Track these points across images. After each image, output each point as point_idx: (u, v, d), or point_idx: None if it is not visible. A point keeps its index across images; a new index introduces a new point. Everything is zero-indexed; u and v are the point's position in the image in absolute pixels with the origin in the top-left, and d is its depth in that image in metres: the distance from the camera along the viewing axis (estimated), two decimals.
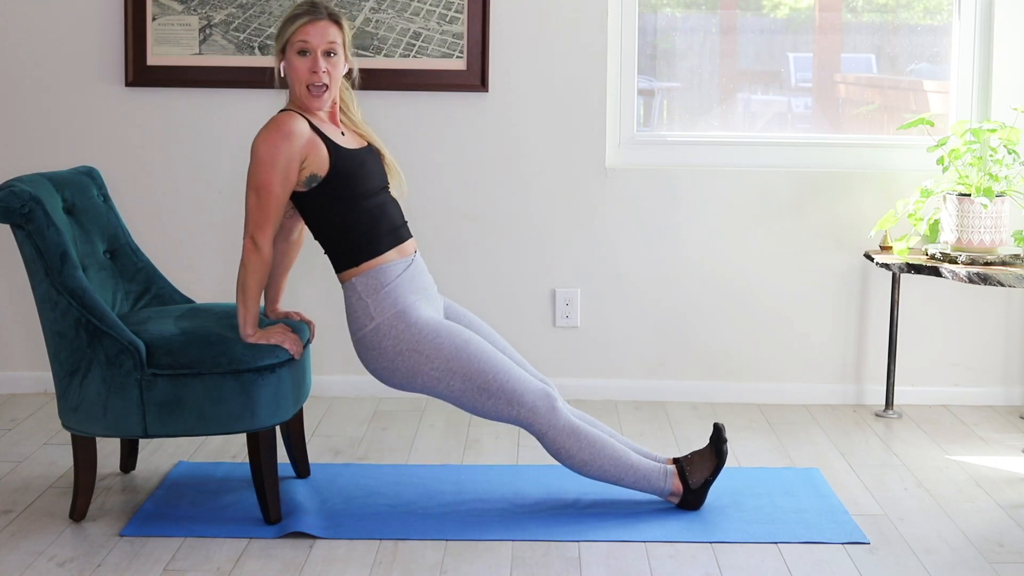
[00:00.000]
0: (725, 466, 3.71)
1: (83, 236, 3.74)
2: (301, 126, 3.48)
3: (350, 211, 3.53)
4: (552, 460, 3.86)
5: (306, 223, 3.59)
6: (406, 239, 3.64)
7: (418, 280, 3.60)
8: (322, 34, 3.53)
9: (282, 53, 3.58)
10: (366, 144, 3.66)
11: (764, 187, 4.77)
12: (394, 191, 3.69)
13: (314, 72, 3.52)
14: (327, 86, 3.54)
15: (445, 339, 3.51)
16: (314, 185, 3.50)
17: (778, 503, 3.75)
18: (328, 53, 3.54)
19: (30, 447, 4.22)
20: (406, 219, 3.68)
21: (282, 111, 3.57)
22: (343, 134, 3.62)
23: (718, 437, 3.65)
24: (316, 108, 3.56)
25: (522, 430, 4.44)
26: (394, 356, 3.51)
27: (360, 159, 3.58)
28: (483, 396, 3.52)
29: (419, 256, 3.67)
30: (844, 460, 4.19)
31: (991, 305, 4.80)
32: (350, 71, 3.67)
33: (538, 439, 3.58)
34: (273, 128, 3.49)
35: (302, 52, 3.53)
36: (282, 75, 3.60)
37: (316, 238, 3.61)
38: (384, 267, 3.54)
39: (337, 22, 3.58)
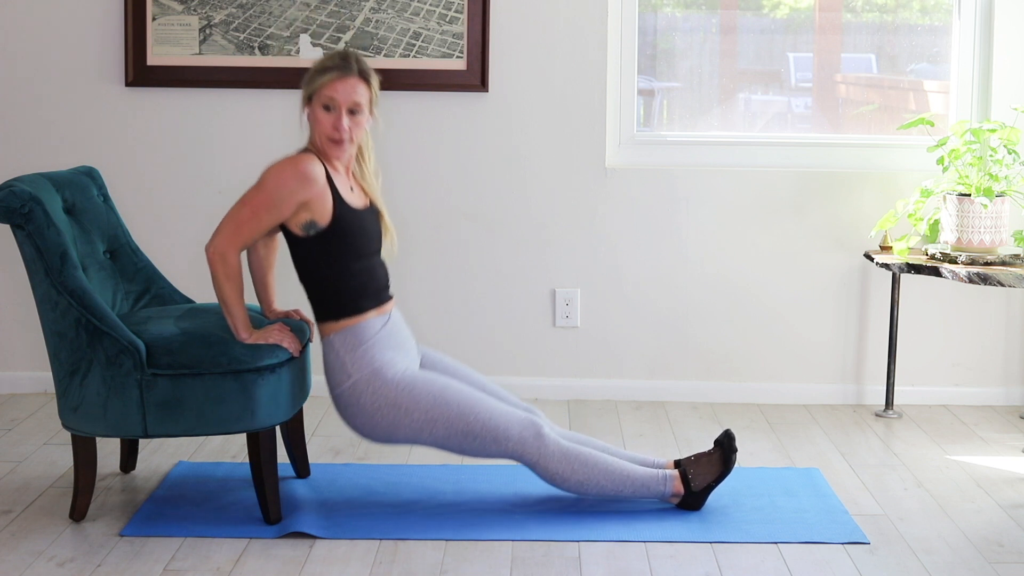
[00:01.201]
0: (730, 473, 3.70)
1: (83, 236, 3.74)
2: (318, 171, 3.48)
3: (340, 269, 3.55)
4: None
5: (295, 265, 3.59)
6: (387, 300, 3.66)
7: (395, 336, 3.63)
8: (349, 92, 3.51)
9: (308, 101, 3.56)
10: (369, 203, 3.66)
11: (764, 187, 4.77)
12: (384, 250, 3.69)
13: (336, 129, 3.51)
14: (348, 141, 3.54)
15: (421, 390, 3.53)
16: (311, 233, 3.50)
17: (778, 503, 3.75)
18: (353, 111, 3.53)
19: (30, 447, 4.22)
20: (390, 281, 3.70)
21: (305, 151, 3.56)
22: (352, 189, 3.62)
23: (729, 445, 3.64)
24: (335, 158, 3.56)
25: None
26: (373, 412, 3.53)
27: (362, 220, 3.59)
28: (468, 439, 3.54)
29: (396, 312, 3.69)
30: (844, 460, 4.19)
31: (991, 305, 4.80)
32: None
33: (531, 469, 3.60)
34: (290, 164, 3.48)
35: (327, 107, 3.52)
36: (305, 121, 3.58)
37: (301, 282, 3.60)
38: (363, 325, 3.56)
39: (366, 79, 3.55)
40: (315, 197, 3.47)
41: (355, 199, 3.60)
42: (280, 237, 3.70)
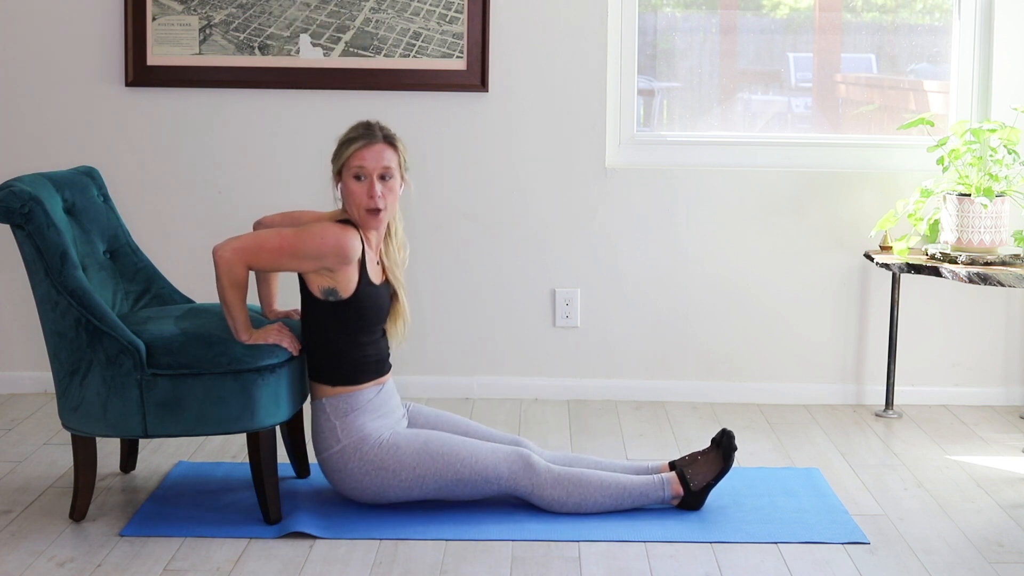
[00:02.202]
0: (729, 471, 3.70)
1: (83, 236, 3.74)
2: (356, 249, 3.49)
3: (348, 340, 3.57)
4: None
5: (302, 323, 3.61)
6: (386, 372, 3.68)
7: (386, 404, 3.65)
8: (377, 158, 3.52)
9: (338, 175, 3.56)
10: (384, 278, 3.66)
11: (764, 187, 4.77)
12: (396, 332, 3.70)
13: (371, 197, 3.51)
14: (383, 209, 3.53)
15: (405, 448, 3.55)
16: (330, 299, 3.52)
17: (778, 503, 3.75)
18: (384, 176, 3.53)
19: (30, 447, 4.22)
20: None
21: (349, 222, 3.54)
22: (377, 263, 3.63)
23: (729, 444, 3.64)
24: (373, 228, 3.56)
25: (522, 426, 4.44)
26: (361, 477, 3.55)
27: (379, 298, 3.61)
28: (460, 485, 3.57)
29: (391, 380, 3.71)
30: (844, 460, 4.18)
31: (991, 305, 4.80)
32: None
33: (527, 500, 3.61)
34: (339, 235, 3.47)
35: (358, 177, 3.52)
36: (338, 196, 3.58)
37: (304, 338, 3.61)
38: (356, 394, 3.58)
39: (392, 144, 3.57)
40: (344, 271, 3.49)
41: (376, 275, 3.62)
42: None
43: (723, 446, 3.65)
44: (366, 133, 3.54)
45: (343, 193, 3.56)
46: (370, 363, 3.62)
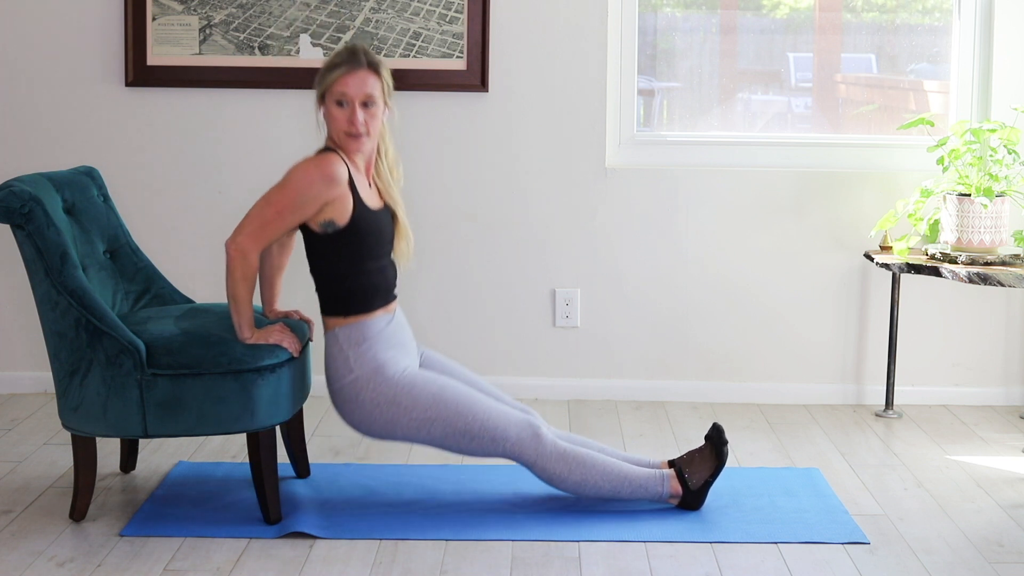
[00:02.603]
0: (724, 466, 3.70)
1: (83, 236, 3.74)
2: (342, 172, 3.48)
3: (353, 268, 3.56)
4: None
5: (308, 259, 3.60)
6: (393, 300, 3.68)
7: (398, 335, 3.64)
8: (360, 85, 3.51)
9: (321, 100, 3.56)
10: (383, 203, 3.66)
11: (764, 187, 4.77)
12: (401, 253, 3.70)
13: (351, 123, 3.51)
14: (364, 135, 3.53)
15: (421, 389, 3.54)
16: (329, 231, 3.51)
17: (778, 503, 3.75)
18: (366, 104, 3.53)
19: (30, 447, 4.22)
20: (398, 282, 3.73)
21: (326, 150, 3.55)
22: (370, 187, 3.63)
23: (719, 438, 3.65)
24: (354, 152, 3.56)
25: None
26: (372, 409, 3.54)
27: (379, 222, 3.60)
28: (466, 438, 3.55)
29: (400, 311, 3.71)
30: (844, 460, 4.19)
31: (991, 305, 4.80)
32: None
33: (529, 469, 3.60)
34: (316, 164, 3.48)
35: (340, 103, 3.52)
36: (321, 120, 3.57)
37: (312, 275, 3.61)
38: (369, 322, 3.57)
39: (376, 71, 3.55)
40: (338, 198, 3.48)
41: (372, 199, 3.61)
42: (296, 237, 3.70)
43: (713, 440, 3.65)
44: (350, 59, 3.52)
45: (325, 118, 3.55)
46: (379, 290, 3.60)
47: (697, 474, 3.65)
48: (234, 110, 4.74)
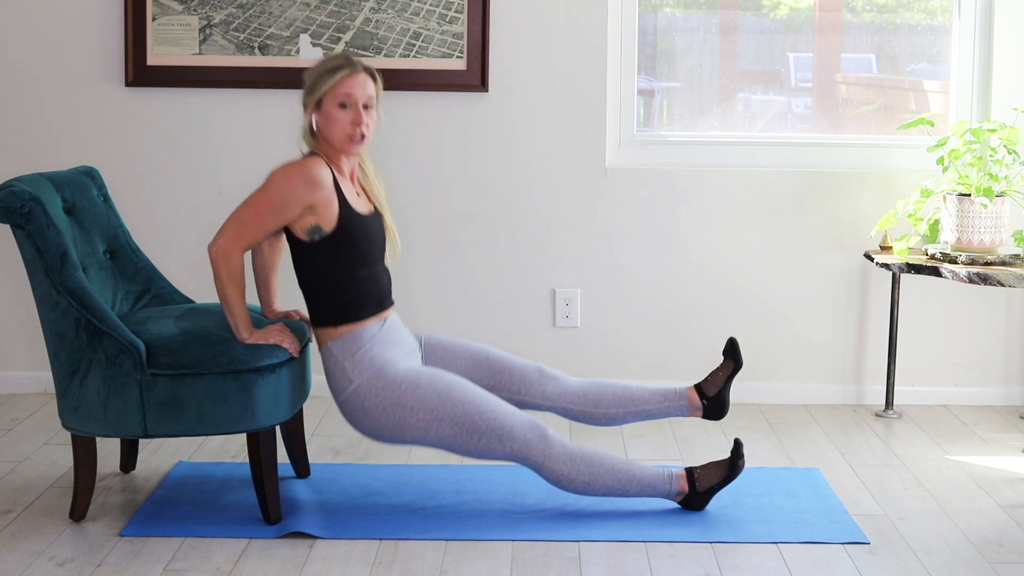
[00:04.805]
0: (735, 479, 3.71)
1: (83, 236, 3.74)
2: (325, 176, 3.48)
3: (344, 276, 3.55)
4: None
5: (295, 271, 3.59)
6: (388, 307, 3.66)
7: (392, 336, 3.62)
8: (363, 87, 3.52)
9: (316, 105, 3.54)
10: (373, 209, 3.66)
11: (764, 187, 4.77)
12: (387, 252, 3.70)
13: (356, 125, 3.50)
14: (367, 137, 3.54)
15: (426, 388, 3.52)
16: (316, 238, 3.50)
17: (778, 503, 3.75)
18: (367, 106, 3.54)
19: (30, 447, 4.22)
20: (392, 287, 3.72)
21: (311, 154, 3.55)
22: (358, 195, 3.62)
23: (736, 452, 3.65)
24: (352, 154, 3.56)
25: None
26: (379, 414, 3.53)
27: (367, 226, 3.58)
28: (474, 437, 3.53)
29: (395, 314, 3.69)
30: (844, 460, 4.19)
31: (991, 305, 4.80)
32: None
33: (536, 471, 3.59)
34: (298, 167, 3.48)
35: (343, 105, 3.51)
36: (313, 127, 3.55)
37: (301, 287, 3.60)
38: (360, 330, 3.56)
39: (373, 76, 3.57)
40: (321, 202, 3.47)
41: (360, 204, 3.60)
42: (274, 239, 3.70)
43: (731, 455, 3.66)
44: (349, 63, 3.53)
45: (321, 122, 3.53)
46: (371, 299, 3.59)
47: (706, 479, 3.65)
48: (234, 110, 4.74)
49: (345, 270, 3.54)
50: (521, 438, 3.54)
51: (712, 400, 3.79)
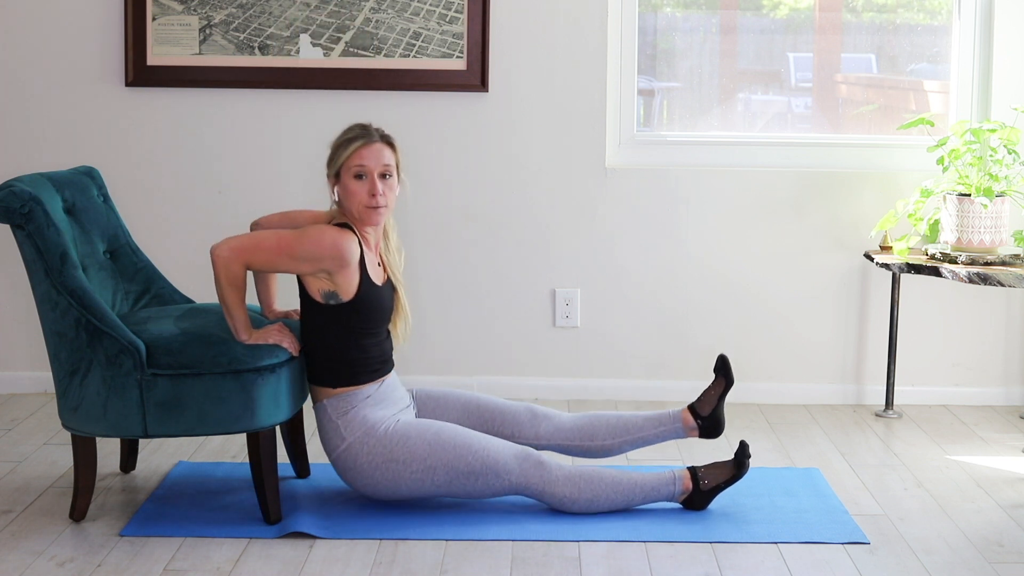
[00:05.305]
0: (741, 478, 3.71)
1: (83, 236, 3.74)
2: (354, 254, 3.48)
3: (350, 342, 3.56)
4: None
5: (302, 326, 3.60)
6: (388, 372, 3.67)
7: (387, 396, 3.64)
8: (377, 157, 3.53)
9: (336, 177, 3.56)
10: (386, 278, 3.67)
11: (764, 187, 4.77)
12: (398, 333, 3.71)
13: (373, 195, 3.51)
14: (384, 206, 3.54)
15: (415, 439, 3.54)
16: (331, 303, 3.51)
17: (778, 503, 3.75)
18: (384, 175, 3.54)
19: (30, 447, 4.22)
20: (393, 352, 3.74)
21: (345, 226, 3.54)
22: (379, 264, 3.63)
23: (742, 452, 3.65)
24: (373, 224, 3.56)
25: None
26: (372, 471, 3.54)
27: (381, 298, 3.60)
28: (470, 479, 3.54)
29: (393, 374, 3.70)
30: (844, 460, 4.19)
31: (991, 305, 4.80)
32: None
33: (538, 499, 3.60)
34: (335, 237, 3.46)
35: (359, 176, 3.52)
36: (335, 199, 3.58)
37: (304, 343, 3.60)
38: (355, 392, 3.58)
39: (391, 144, 3.58)
40: (343, 275, 3.49)
41: (378, 275, 3.62)
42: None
43: (736, 455, 3.66)
44: (364, 133, 3.55)
45: (341, 194, 3.56)
46: (372, 365, 3.61)
47: (710, 478, 3.65)
48: (234, 110, 4.74)
49: (353, 337, 3.56)
50: (517, 470, 3.54)
51: (707, 419, 3.79)
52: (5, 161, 4.71)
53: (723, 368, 3.82)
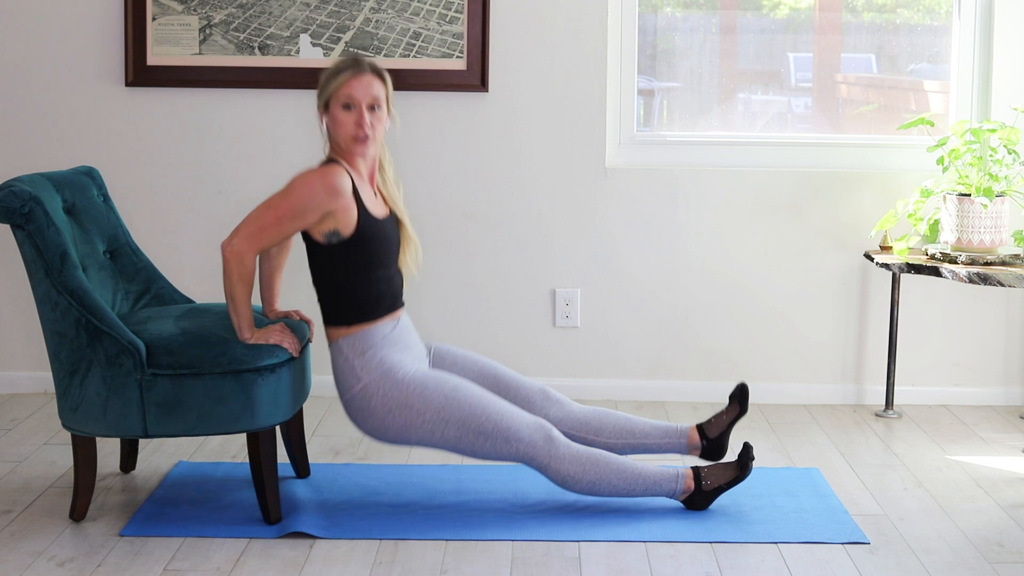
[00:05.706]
0: (743, 480, 3.71)
1: (83, 236, 3.74)
2: (345, 184, 3.48)
3: (358, 278, 3.55)
4: None
5: (311, 270, 3.60)
6: (399, 308, 3.67)
7: (403, 339, 3.63)
8: (366, 88, 3.52)
9: (325, 108, 3.56)
10: (390, 212, 3.66)
11: (764, 187, 4.77)
12: (408, 260, 3.70)
13: (359, 126, 3.51)
14: (371, 137, 3.54)
15: (433, 390, 3.53)
16: (334, 241, 3.51)
17: (778, 503, 3.75)
18: (372, 107, 3.53)
19: (30, 447, 4.23)
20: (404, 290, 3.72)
21: (330, 161, 3.55)
22: (375, 196, 3.63)
23: (746, 454, 3.66)
24: (360, 155, 3.55)
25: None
26: (384, 415, 3.53)
27: (384, 231, 3.59)
28: (480, 439, 3.53)
29: (406, 316, 3.70)
30: (844, 460, 4.19)
31: (991, 305, 4.80)
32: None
33: (542, 472, 3.59)
34: (320, 175, 3.48)
35: (346, 106, 3.52)
36: (325, 129, 3.58)
37: (315, 286, 3.61)
38: (372, 329, 3.56)
39: (381, 76, 3.57)
40: (341, 208, 3.48)
41: (378, 208, 3.61)
42: (295, 239, 3.70)
43: (740, 457, 3.66)
44: (354, 64, 3.54)
45: (330, 124, 3.55)
46: (384, 299, 3.59)
47: (713, 479, 3.65)
48: (234, 110, 4.74)
49: (361, 272, 3.55)
50: (527, 439, 3.54)
51: (712, 442, 3.80)
52: (5, 161, 4.71)
53: (740, 396, 3.82)
